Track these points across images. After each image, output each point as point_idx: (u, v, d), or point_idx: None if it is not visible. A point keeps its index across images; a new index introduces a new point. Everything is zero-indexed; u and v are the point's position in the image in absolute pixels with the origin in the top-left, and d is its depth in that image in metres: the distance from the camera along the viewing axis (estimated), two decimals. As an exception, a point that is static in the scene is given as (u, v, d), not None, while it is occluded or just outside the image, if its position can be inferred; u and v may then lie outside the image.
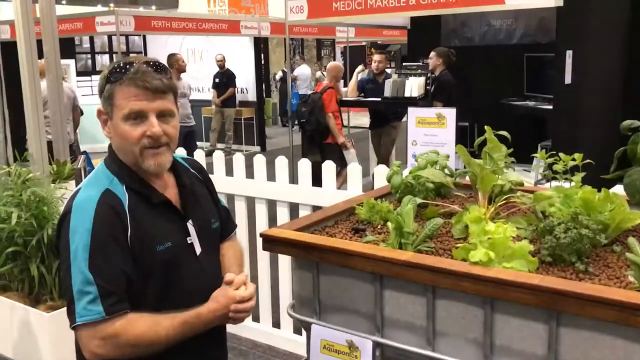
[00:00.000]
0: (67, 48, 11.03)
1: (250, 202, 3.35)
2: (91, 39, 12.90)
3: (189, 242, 1.53)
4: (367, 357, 1.48)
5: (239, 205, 3.40)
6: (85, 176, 2.33)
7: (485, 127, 1.84)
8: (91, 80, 11.96)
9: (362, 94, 7.11)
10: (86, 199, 1.43)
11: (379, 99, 6.61)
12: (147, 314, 1.41)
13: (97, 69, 12.66)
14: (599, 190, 1.55)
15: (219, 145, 10.40)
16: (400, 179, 1.96)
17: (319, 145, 6.16)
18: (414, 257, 1.39)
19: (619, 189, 1.76)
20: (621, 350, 1.16)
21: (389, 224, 1.57)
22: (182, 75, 7.77)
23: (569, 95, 4.84)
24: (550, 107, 5.66)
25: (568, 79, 4.98)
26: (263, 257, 3.40)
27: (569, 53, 4.97)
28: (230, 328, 3.53)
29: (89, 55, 13.00)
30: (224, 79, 10.71)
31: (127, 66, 1.44)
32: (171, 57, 7.52)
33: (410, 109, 2.33)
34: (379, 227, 1.75)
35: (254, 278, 3.48)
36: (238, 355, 3.39)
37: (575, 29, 4.87)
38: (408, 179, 1.95)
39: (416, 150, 2.26)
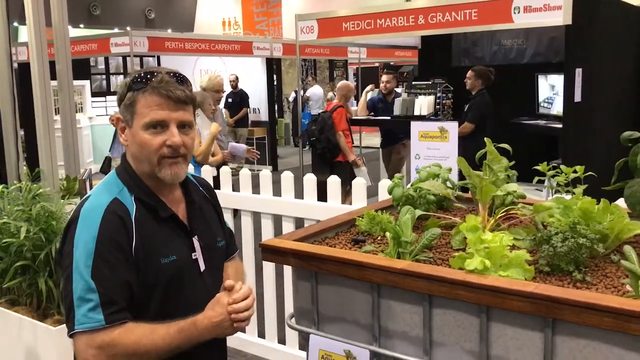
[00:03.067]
0: (82, 69, 11.25)
1: (257, 218, 3.36)
2: (106, 60, 13.13)
3: (194, 257, 1.54)
4: (365, 367, 1.48)
5: (245, 221, 3.41)
6: (91, 188, 2.36)
7: (486, 139, 1.84)
8: (105, 101, 12.13)
9: (372, 113, 7.14)
10: (94, 206, 1.44)
11: (389, 117, 6.64)
12: (144, 323, 1.40)
13: (112, 90, 12.86)
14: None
15: (231, 165, 10.48)
16: (402, 191, 1.97)
17: (330, 163, 6.17)
18: (410, 265, 1.39)
19: (622, 202, 1.75)
20: (618, 358, 1.15)
21: (387, 233, 1.57)
22: None
23: (578, 113, 4.83)
24: (561, 125, 5.65)
25: (578, 97, 4.97)
26: (269, 274, 3.40)
27: (578, 71, 4.97)
28: (235, 344, 3.55)
29: (104, 76, 13.22)
30: (237, 99, 10.81)
31: (150, 75, 1.46)
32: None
33: (413, 123, 2.34)
34: (379, 238, 1.76)
35: (260, 295, 3.47)
36: (243, 371, 3.38)
37: (584, 47, 4.88)
38: (409, 192, 1.96)
39: (419, 163, 2.26)
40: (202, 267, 1.54)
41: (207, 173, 3.49)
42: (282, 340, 3.44)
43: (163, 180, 1.48)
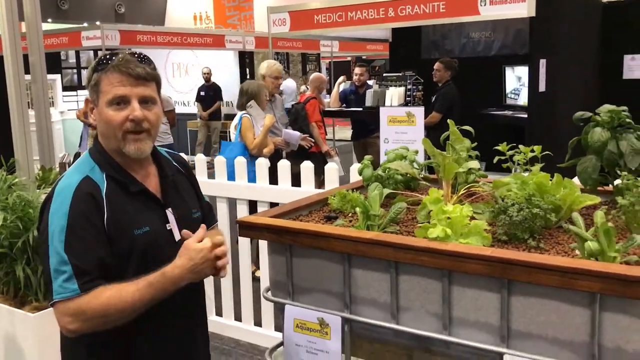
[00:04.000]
0: (53, 63, 11.12)
1: (232, 204, 3.44)
2: (77, 54, 12.99)
3: (168, 228, 1.61)
4: (337, 332, 1.58)
5: (220, 207, 3.49)
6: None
7: (449, 121, 1.95)
8: (77, 95, 12.02)
9: (344, 105, 7.25)
10: (66, 185, 1.52)
11: (361, 109, 6.75)
12: (114, 284, 1.47)
13: (83, 84, 12.73)
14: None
15: (207, 158, 10.51)
16: (371, 172, 2.07)
17: (303, 154, 6.26)
18: (378, 235, 1.50)
19: (577, 181, 1.88)
20: (565, 313, 1.27)
21: (357, 209, 1.67)
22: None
23: (543, 102, 5.00)
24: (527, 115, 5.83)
25: (542, 87, 5.15)
26: (245, 259, 3.48)
27: (543, 62, 5.14)
28: (212, 328, 3.62)
29: (75, 70, 13.07)
30: (211, 92, 10.81)
31: (113, 56, 1.56)
32: None
33: (382, 109, 2.44)
34: (350, 215, 1.85)
35: (236, 280, 3.55)
36: (220, 354, 3.45)
37: (547, 38, 5.04)
38: (378, 172, 2.06)
39: (388, 147, 2.36)
40: (177, 237, 1.62)
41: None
42: (258, 323, 3.52)
43: (128, 155, 1.55)
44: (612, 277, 1.17)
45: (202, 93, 10.86)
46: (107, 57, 1.55)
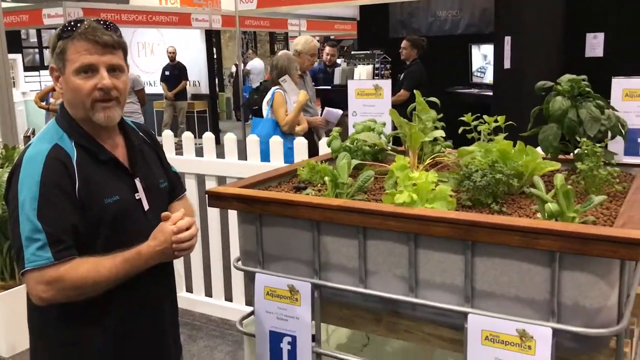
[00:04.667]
0: (13, 42, 10.79)
1: (201, 180, 3.42)
2: (38, 33, 12.63)
3: (137, 197, 1.61)
4: (307, 299, 1.60)
5: (189, 184, 3.46)
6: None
7: (415, 91, 1.98)
8: (39, 76, 11.71)
9: (314, 83, 7.23)
10: (36, 153, 1.50)
11: (330, 87, 6.76)
12: (90, 257, 1.48)
13: (46, 64, 12.40)
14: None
15: (175, 139, 10.36)
16: (340, 144, 2.09)
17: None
18: (346, 202, 1.52)
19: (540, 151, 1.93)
20: (526, 272, 1.31)
21: (326, 178, 1.69)
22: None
23: (508, 78, 5.09)
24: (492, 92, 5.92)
25: (507, 64, 5.24)
26: (215, 235, 3.48)
27: (508, 39, 5.22)
28: (184, 304, 3.62)
29: (37, 50, 12.72)
30: (176, 72, 10.62)
31: (78, 23, 1.53)
32: None
33: (350, 82, 2.44)
34: (319, 185, 1.87)
35: (206, 257, 3.56)
36: (191, 330, 3.46)
37: (512, 15, 5.12)
38: (347, 144, 2.08)
39: (356, 120, 2.38)
40: (146, 206, 1.62)
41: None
42: (229, 298, 3.54)
43: (98, 123, 1.54)
44: (571, 235, 1.22)
45: (167, 73, 10.65)
46: (72, 24, 1.53)
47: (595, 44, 6.33)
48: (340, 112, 5.18)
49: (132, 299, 1.58)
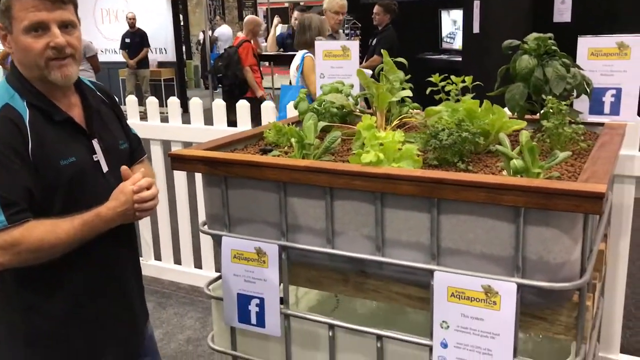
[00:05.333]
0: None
1: (166, 147, 3.34)
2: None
3: (95, 159, 1.55)
4: (274, 260, 1.59)
5: (155, 150, 3.39)
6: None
7: (382, 51, 1.95)
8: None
9: (282, 50, 7.14)
10: None
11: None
12: (47, 219, 1.42)
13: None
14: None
15: (140, 109, 10.11)
16: (307, 105, 2.06)
17: (239, 100, 6.15)
18: (312, 162, 1.50)
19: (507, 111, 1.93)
20: (492, 228, 1.32)
21: (292, 139, 1.66)
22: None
23: (476, 43, 5.08)
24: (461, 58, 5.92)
25: (476, 29, 5.22)
26: (182, 202, 3.43)
27: (477, 3, 5.19)
28: (152, 272, 3.58)
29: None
30: (137, 39, 10.23)
31: None
32: None
33: (318, 43, 2.40)
34: (286, 148, 1.85)
35: (174, 228, 3.50)
36: (161, 298, 3.44)
37: (481, -21, 5.09)
38: (314, 105, 2.05)
39: (324, 82, 2.34)
40: (105, 168, 1.56)
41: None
42: (198, 265, 3.52)
43: (55, 83, 1.48)
44: (535, 190, 1.22)
45: (127, 40, 10.24)
46: None
47: (563, 9, 6.34)
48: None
49: (93, 262, 1.54)
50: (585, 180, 1.26)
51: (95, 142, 1.55)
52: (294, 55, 6.95)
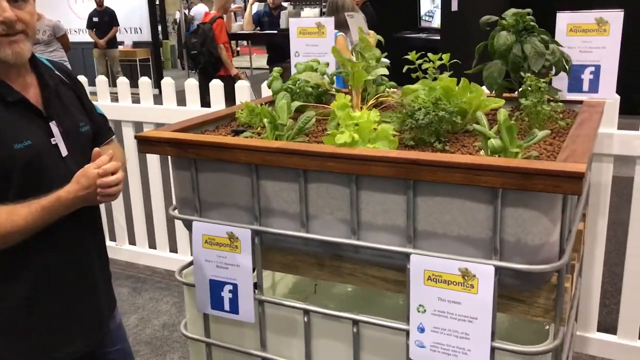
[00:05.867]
0: None
1: (138, 128, 3.25)
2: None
3: (53, 142, 1.47)
4: (247, 245, 1.54)
5: (126, 132, 3.30)
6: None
7: (358, 27, 1.89)
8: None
9: (259, 28, 7.01)
10: None
11: (276, 32, 6.56)
12: (2, 205, 1.35)
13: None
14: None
15: (111, 90, 9.85)
16: (281, 84, 2.00)
17: (213, 78, 6.02)
18: (285, 144, 1.44)
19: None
20: (469, 210, 1.28)
21: (265, 120, 1.60)
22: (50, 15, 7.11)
23: (455, 21, 5.03)
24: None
25: (455, 7, 5.17)
26: (156, 185, 3.36)
27: (455, -20, 5.14)
28: (126, 257, 3.51)
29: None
30: (106, 18, 9.87)
31: None
32: None
33: (292, 20, 2.33)
34: (259, 128, 1.79)
35: (149, 213, 3.43)
36: (136, 283, 3.37)
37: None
38: (288, 84, 1.99)
39: (299, 60, 2.28)
40: (64, 152, 1.48)
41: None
42: (174, 249, 3.46)
43: (5, 61, 1.39)
44: (513, 171, 1.19)
45: (95, 19, 9.83)
46: None
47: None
48: None
49: (53, 248, 1.46)
50: (564, 159, 1.22)
51: (53, 125, 1.47)
52: (271, 34, 6.88)
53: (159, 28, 12.26)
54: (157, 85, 10.90)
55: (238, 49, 17.43)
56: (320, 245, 1.49)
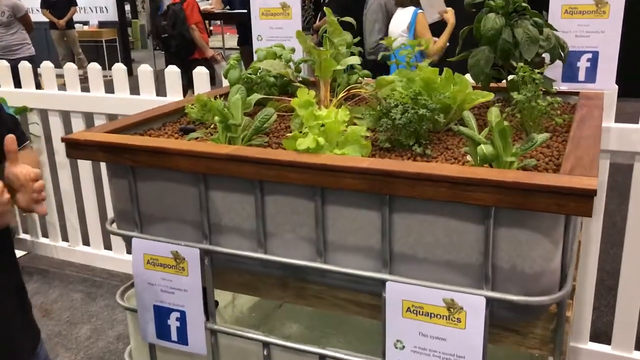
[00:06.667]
0: None
1: (89, 120, 2.94)
2: None
3: None
4: (195, 266, 1.32)
5: (53, 122, 2.96)
6: None
7: (325, 9, 1.66)
8: None
9: (229, 7, 6.70)
10: None
11: (246, 11, 6.24)
12: None
13: None
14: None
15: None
16: (239, 74, 1.76)
17: (186, 62, 5.72)
18: (236, 149, 1.21)
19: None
20: (455, 230, 1.07)
21: (215, 118, 1.36)
22: None
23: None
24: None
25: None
26: (87, 178, 3.05)
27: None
28: (61, 255, 3.22)
29: None
30: None
31: None
32: None
33: (253, 0, 2.09)
34: (212, 126, 1.55)
35: (80, 206, 3.13)
36: (91, 287, 3.11)
37: None
38: (247, 74, 1.75)
39: (262, 46, 2.04)
40: None
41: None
42: (108, 246, 3.19)
43: None
44: (510, 186, 0.98)
45: None
46: None
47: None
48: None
49: None
50: (569, 171, 1.01)
51: None
52: (242, 13, 6.55)
53: (127, 7, 11.78)
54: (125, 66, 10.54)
55: (211, 28, 17.02)
56: (282, 268, 1.27)
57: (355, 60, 1.51)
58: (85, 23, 10.30)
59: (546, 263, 1.04)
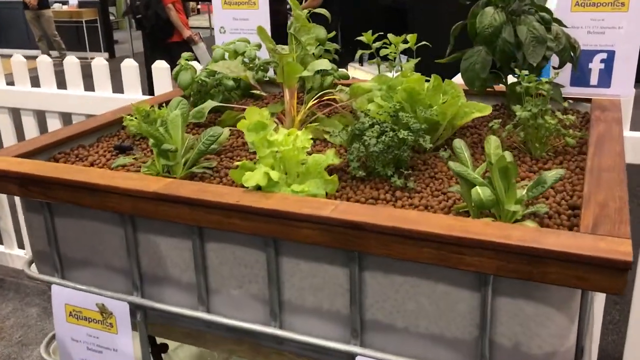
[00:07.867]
0: None
1: (41, 119, 2.63)
2: None
3: None
4: (125, 322, 1.08)
5: (26, 122, 2.66)
6: None
7: (290, 1, 1.39)
8: None
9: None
10: None
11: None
12: None
13: None
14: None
15: (53, 54, 8.96)
16: (191, 77, 1.50)
17: (163, 45, 5.40)
18: (166, 187, 0.96)
19: (459, 79, 1.42)
20: (444, 297, 0.83)
21: (150, 141, 1.11)
22: None
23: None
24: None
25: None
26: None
27: None
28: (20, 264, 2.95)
29: None
30: None
31: None
32: None
33: (214, -14, 1.82)
34: (156, 142, 1.30)
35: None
36: (49, 300, 2.86)
37: None
38: (201, 76, 1.49)
39: (225, 39, 1.78)
40: None
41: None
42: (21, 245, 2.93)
43: None
44: (514, 250, 0.73)
45: None
46: None
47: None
48: None
49: None
50: (591, 228, 0.77)
51: None
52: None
53: (110, -15, 11.38)
54: (107, 49, 10.17)
55: (199, 6, 16.58)
56: (230, 331, 1.03)
57: (325, 65, 1.25)
58: (65, 2, 9.90)
59: (559, 342, 0.81)
